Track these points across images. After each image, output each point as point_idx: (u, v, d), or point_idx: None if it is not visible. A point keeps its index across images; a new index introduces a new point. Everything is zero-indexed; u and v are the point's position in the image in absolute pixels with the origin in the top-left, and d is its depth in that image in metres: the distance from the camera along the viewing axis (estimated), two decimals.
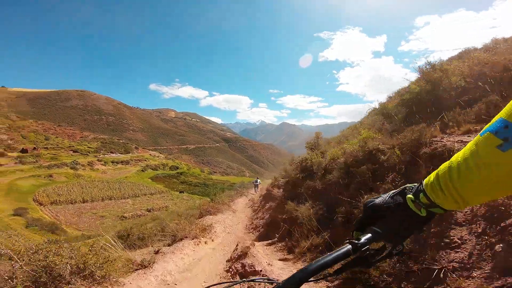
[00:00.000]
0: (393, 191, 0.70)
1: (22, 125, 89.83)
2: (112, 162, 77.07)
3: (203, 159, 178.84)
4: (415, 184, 0.66)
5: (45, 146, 76.24)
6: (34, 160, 61.70)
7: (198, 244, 4.96)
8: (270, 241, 5.01)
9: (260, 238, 5.82)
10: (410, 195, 0.64)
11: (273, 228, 5.65)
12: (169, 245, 5.25)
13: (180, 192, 58.62)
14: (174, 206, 44.66)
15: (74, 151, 79.11)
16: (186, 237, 4.88)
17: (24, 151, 65.82)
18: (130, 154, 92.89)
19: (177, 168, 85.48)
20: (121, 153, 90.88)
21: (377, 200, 0.70)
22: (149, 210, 42.97)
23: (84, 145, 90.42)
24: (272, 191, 8.33)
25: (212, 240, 5.60)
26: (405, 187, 0.68)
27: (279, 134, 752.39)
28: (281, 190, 8.40)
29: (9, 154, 61.67)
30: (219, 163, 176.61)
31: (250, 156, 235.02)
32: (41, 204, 42.22)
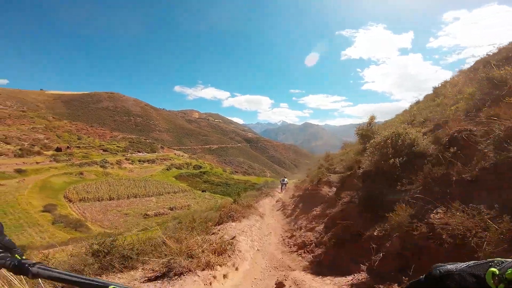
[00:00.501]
0: (474, 262, 0.64)
1: (57, 125, 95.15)
2: (139, 161, 78.70)
3: (225, 159, 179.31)
4: (508, 259, 0.60)
5: (77, 145, 79.75)
6: (67, 159, 64.48)
7: (210, 283, 2.68)
8: (351, 277, 2.59)
9: (317, 267, 3.43)
10: (494, 269, 0.58)
11: (344, 249, 3.22)
12: (163, 274, 3.09)
13: (203, 191, 58.01)
14: (196, 205, 43.94)
15: (104, 150, 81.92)
16: (190, 270, 2.64)
17: (58, 149, 69.14)
18: (156, 153, 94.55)
19: (200, 167, 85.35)
20: (148, 153, 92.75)
21: (450, 266, 0.65)
22: (171, 209, 42.59)
23: (113, 144, 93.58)
24: (320, 189, 5.85)
25: (236, 269, 3.28)
26: (492, 260, 0.61)
27: (302, 135, 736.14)
28: (334, 188, 5.96)
29: (45, 152, 65.05)
30: (240, 163, 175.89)
31: (271, 157, 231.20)
32: (70, 201, 43.35)
